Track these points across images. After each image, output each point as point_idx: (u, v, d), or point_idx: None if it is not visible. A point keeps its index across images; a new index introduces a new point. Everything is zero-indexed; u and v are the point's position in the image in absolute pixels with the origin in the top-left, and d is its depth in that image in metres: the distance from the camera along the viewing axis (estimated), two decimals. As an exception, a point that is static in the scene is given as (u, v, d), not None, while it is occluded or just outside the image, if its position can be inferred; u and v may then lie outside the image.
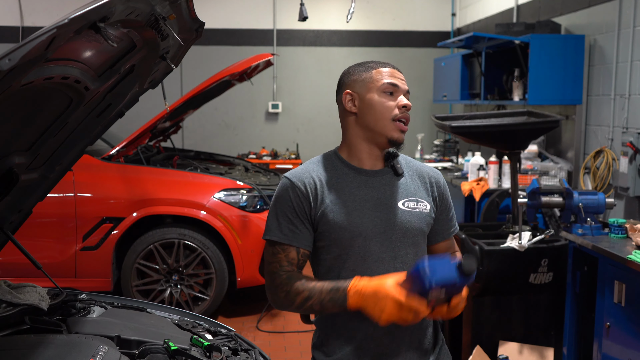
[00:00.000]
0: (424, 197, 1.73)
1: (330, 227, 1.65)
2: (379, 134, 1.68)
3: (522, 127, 3.18)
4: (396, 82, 1.68)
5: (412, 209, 1.70)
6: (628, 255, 2.55)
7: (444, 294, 1.47)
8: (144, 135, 4.74)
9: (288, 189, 1.68)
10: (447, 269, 1.44)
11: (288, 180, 1.70)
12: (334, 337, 1.72)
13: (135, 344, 1.74)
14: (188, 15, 1.73)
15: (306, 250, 1.69)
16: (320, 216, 1.66)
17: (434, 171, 1.82)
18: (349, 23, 7.51)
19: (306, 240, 1.68)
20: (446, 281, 1.44)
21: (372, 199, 1.68)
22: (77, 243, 4.28)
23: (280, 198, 1.69)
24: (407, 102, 1.68)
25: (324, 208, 1.66)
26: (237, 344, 1.97)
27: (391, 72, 1.70)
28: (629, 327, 2.60)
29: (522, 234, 3.05)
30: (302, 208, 1.66)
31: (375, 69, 1.70)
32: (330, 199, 1.67)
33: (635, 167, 3.77)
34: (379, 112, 1.67)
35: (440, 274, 1.44)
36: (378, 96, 1.67)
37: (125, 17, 1.33)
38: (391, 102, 1.67)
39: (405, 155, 1.82)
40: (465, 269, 1.42)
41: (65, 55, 1.35)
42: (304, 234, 1.67)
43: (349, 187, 1.69)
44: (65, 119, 1.82)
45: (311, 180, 1.69)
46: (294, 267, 1.67)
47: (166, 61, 1.91)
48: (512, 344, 3.10)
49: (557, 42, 4.63)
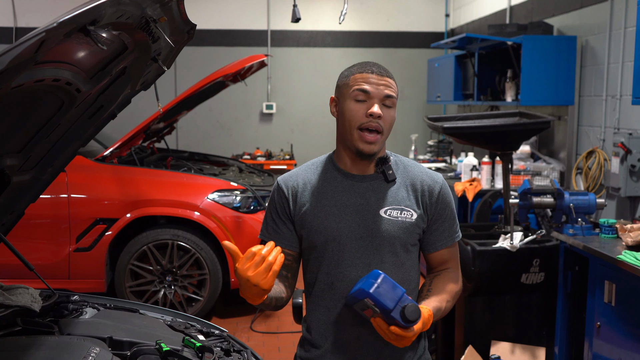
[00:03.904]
0: (411, 206, 1.68)
1: (308, 230, 1.70)
2: (349, 143, 1.66)
3: (514, 127, 3.19)
4: (368, 88, 1.61)
5: (393, 218, 1.66)
6: (618, 256, 2.56)
7: (379, 314, 1.47)
8: (138, 137, 4.74)
9: (275, 192, 1.76)
10: (390, 294, 1.45)
11: (277, 183, 1.77)
12: (314, 334, 1.76)
13: (127, 345, 1.75)
14: (179, 17, 1.74)
15: (290, 250, 1.73)
16: (299, 219, 1.71)
17: (431, 179, 1.72)
18: (342, 24, 7.55)
19: (288, 240, 1.73)
20: (379, 303, 1.44)
21: (354, 204, 1.67)
22: (70, 244, 4.28)
23: (270, 200, 1.78)
24: (374, 110, 1.59)
25: (304, 211, 1.70)
26: (230, 344, 1.98)
27: (365, 77, 1.63)
28: (619, 327, 2.62)
29: (513, 234, 3.07)
30: (283, 209, 1.73)
31: (353, 75, 1.66)
32: (311, 202, 1.70)
33: (626, 168, 3.80)
34: (346, 119, 1.65)
35: (379, 292, 1.45)
36: (349, 103, 1.64)
37: (115, 19, 1.33)
38: (360, 109, 1.62)
39: (408, 160, 1.78)
40: (406, 314, 1.44)
41: (56, 57, 1.35)
42: (286, 234, 1.73)
43: (333, 192, 1.70)
44: (57, 121, 1.82)
45: (295, 183, 1.73)
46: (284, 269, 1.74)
47: (158, 63, 1.92)
48: (504, 343, 3.11)
49: (549, 43, 4.66)
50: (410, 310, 1.44)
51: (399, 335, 1.46)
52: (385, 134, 1.65)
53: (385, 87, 1.63)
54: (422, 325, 1.50)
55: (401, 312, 1.44)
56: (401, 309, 1.44)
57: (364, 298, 1.48)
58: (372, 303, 1.46)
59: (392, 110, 1.65)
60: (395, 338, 1.47)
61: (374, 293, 1.45)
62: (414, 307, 1.45)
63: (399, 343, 1.48)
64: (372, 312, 1.49)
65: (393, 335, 1.46)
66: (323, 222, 1.67)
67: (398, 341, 1.48)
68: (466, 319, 3.14)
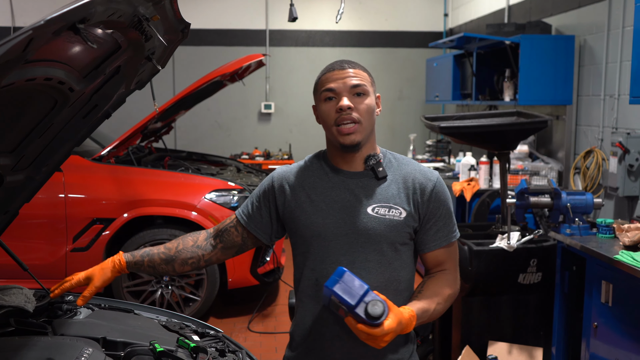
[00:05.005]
0: (400, 204, 1.64)
1: (295, 225, 1.70)
2: (334, 141, 1.67)
3: (511, 127, 3.18)
4: (332, 86, 1.63)
5: (380, 215, 1.63)
6: (615, 256, 2.55)
7: (344, 311, 1.45)
8: (135, 136, 4.72)
9: (268, 180, 1.79)
10: (353, 290, 1.42)
11: (272, 174, 1.80)
12: (297, 334, 1.77)
13: (121, 346, 1.74)
14: (173, 16, 1.72)
15: (252, 233, 1.77)
16: (289, 213, 1.71)
17: (424, 176, 1.69)
18: (341, 24, 7.56)
19: (257, 224, 1.77)
20: (342, 299, 1.41)
21: (342, 200, 1.66)
22: (67, 244, 4.27)
23: (262, 184, 1.81)
24: (342, 103, 1.60)
25: (294, 205, 1.70)
26: (225, 345, 1.97)
27: (329, 76, 1.65)
28: (616, 327, 2.61)
29: (511, 234, 3.06)
30: (267, 199, 1.76)
31: (320, 78, 1.68)
32: (301, 196, 1.70)
33: (624, 167, 3.79)
34: (323, 121, 1.67)
35: (342, 288, 1.42)
36: (321, 105, 1.67)
37: (106, 18, 1.32)
38: (331, 108, 1.63)
39: (404, 157, 1.75)
40: (368, 310, 1.40)
41: (47, 56, 1.34)
42: (259, 220, 1.77)
43: (323, 187, 1.69)
44: (50, 120, 1.81)
45: (286, 176, 1.76)
46: (222, 234, 1.80)
47: (152, 62, 1.91)
48: (502, 344, 3.10)
49: (547, 42, 4.65)
50: (372, 305, 1.39)
51: (369, 334, 1.41)
52: (365, 123, 1.63)
53: (350, 77, 1.63)
54: (397, 325, 1.43)
55: (365, 308, 1.40)
56: (365, 306, 1.40)
57: (330, 296, 1.45)
58: (337, 301, 1.43)
59: (366, 97, 1.64)
60: (366, 337, 1.42)
61: (336, 290, 1.42)
62: (377, 303, 1.40)
63: (372, 343, 1.43)
64: (344, 311, 1.45)
65: (363, 334, 1.41)
66: (310, 217, 1.67)
67: (370, 341, 1.42)
68: (463, 319, 3.14)
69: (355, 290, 1.42)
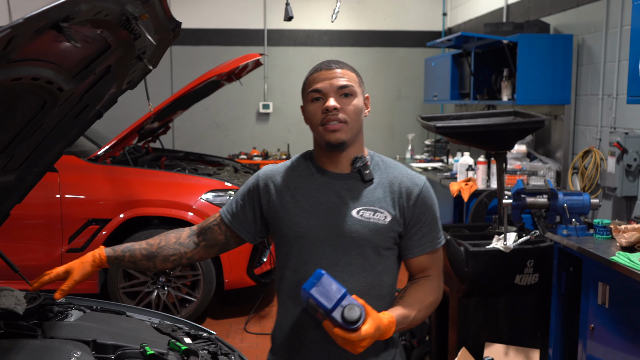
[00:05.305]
0: (386, 207, 1.62)
1: (278, 225, 1.68)
2: (320, 140, 1.65)
3: (507, 127, 3.16)
4: (319, 86, 1.61)
5: (365, 219, 1.60)
6: (611, 257, 2.53)
7: (322, 314, 1.43)
8: (131, 136, 4.71)
9: (254, 179, 1.76)
10: (330, 294, 1.40)
11: (258, 173, 1.78)
12: (278, 336, 1.75)
13: (111, 349, 1.73)
14: (163, 14, 1.71)
15: (236, 232, 1.75)
16: (273, 212, 1.69)
17: (411, 181, 1.66)
18: (339, 23, 7.54)
19: (241, 223, 1.75)
20: (319, 303, 1.40)
21: (327, 202, 1.64)
22: (63, 245, 4.25)
23: (247, 183, 1.78)
24: (329, 104, 1.58)
25: (277, 205, 1.68)
26: (217, 347, 1.96)
27: (316, 77, 1.63)
28: (613, 329, 2.59)
29: (507, 235, 3.04)
30: (252, 199, 1.73)
31: (307, 78, 1.67)
32: (285, 196, 1.68)
33: (622, 167, 3.77)
34: (310, 120, 1.66)
35: (318, 291, 1.41)
36: (308, 106, 1.65)
37: (92, 16, 1.30)
38: (318, 108, 1.61)
39: (392, 160, 1.73)
40: (345, 314, 1.39)
41: (32, 55, 1.32)
42: (243, 219, 1.74)
43: (308, 188, 1.67)
44: (40, 120, 1.79)
45: (272, 175, 1.73)
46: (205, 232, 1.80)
47: (143, 62, 1.89)
48: (498, 345, 3.08)
49: (545, 41, 4.63)
50: (348, 310, 1.38)
51: (345, 339, 1.39)
52: (352, 123, 1.62)
53: (338, 78, 1.62)
54: (374, 330, 1.42)
55: (342, 312, 1.39)
56: (342, 310, 1.39)
57: (307, 299, 1.43)
58: (315, 304, 1.41)
59: (353, 98, 1.62)
60: (342, 342, 1.40)
61: (313, 293, 1.40)
62: (354, 307, 1.39)
63: (349, 348, 1.41)
64: (321, 314, 1.44)
65: (340, 338, 1.40)
66: (294, 218, 1.64)
67: (347, 345, 1.41)
68: (459, 321, 3.11)
69: (332, 293, 1.40)
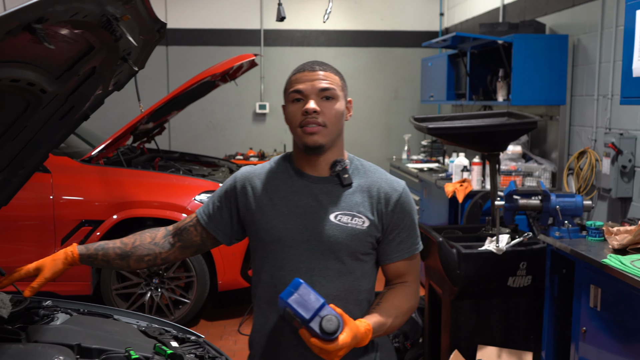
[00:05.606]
0: (364, 212, 1.60)
1: (254, 228, 1.66)
2: (298, 142, 1.64)
3: (500, 128, 3.15)
4: (300, 87, 1.59)
5: (343, 224, 1.59)
6: (603, 260, 2.51)
7: (299, 323, 1.42)
8: (124, 137, 4.69)
9: (231, 181, 1.74)
10: (308, 304, 1.39)
11: (235, 174, 1.75)
12: (255, 341, 1.76)
13: (96, 353, 1.70)
14: (147, 15, 1.69)
15: (212, 233, 1.73)
16: (250, 215, 1.67)
17: (390, 186, 1.65)
18: (336, 23, 7.52)
19: (217, 225, 1.72)
20: (297, 312, 1.39)
21: (305, 206, 1.62)
22: (55, 246, 4.23)
23: (224, 184, 1.76)
24: (309, 106, 1.56)
25: (254, 208, 1.66)
26: (205, 351, 1.94)
27: (298, 77, 1.62)
28: (605, 332, 2.57)
29: (500, 237, 3.03)
30: (228, 199, 1.71)
31: (290, 78, 1.65)
32: (263, 199, 1.66)
33: (617, 169, 3.75)
34: (289, 121, 1.64)
35: (296, 301, 1.39)
36: (289, 106, 1.63)
37: (69, 18, 1.28)
38: (298, 109, 1.60)
39: (371, 165, 1.72)
40: (323, 325, 1.38)
41: (9, 57, 1.30)
42: (220, 220, 1.72)
43: (286, 191, 1.65)
44: (23, 122, 1.78)
45: (249, 177, 1.71)
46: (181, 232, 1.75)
47: (128, 63, 1.87)
48: (491, 348, 3.07)
49: (541, 42, 4.61)
50: (326, 321, 1.37)
51: (322, 349, 1.38)
52: (330, 127, 1.60)
53: (320, 80, 1.60)
54: (351, 339, 1.41)
55: (320, 323, 1.38)
56: (320, 320, 1.38)
57: (284, 307, 1.42)
58: (292, 313, 1.40)
59: (334, 102, 1.61)
60: (319, 351, 1.39)
61: (291, 302, 1.39)
62: (332, 318, 1.38)
63: (326, 357, 1.41)
64: (298, 323, 1.42)
65: (316, 347, 1.39)
66: (271, 221, 1.62)
67: (324, 354, 1.40)
68: (452, 323, 3.10)
69: (310, 303, 1.39)
